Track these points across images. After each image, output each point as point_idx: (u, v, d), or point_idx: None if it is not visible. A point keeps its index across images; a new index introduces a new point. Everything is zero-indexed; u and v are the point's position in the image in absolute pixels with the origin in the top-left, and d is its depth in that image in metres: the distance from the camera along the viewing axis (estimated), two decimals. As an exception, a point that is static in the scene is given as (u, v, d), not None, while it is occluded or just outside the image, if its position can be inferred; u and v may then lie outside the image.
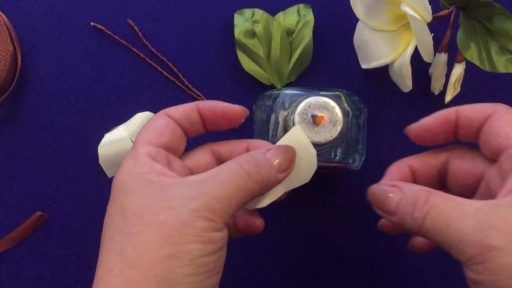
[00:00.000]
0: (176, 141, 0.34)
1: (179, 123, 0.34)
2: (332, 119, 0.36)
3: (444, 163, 0.36)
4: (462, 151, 0.35)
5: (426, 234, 0.29)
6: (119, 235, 0.30)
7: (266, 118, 0.40)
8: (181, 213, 0.28)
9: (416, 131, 0.35)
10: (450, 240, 0.28)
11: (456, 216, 0.28)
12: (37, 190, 0.46)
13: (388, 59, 0.44)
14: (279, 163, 0.32)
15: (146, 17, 0.47)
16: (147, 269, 0.28)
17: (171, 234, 0.28)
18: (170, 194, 0.29)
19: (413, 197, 0.30)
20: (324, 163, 0.40)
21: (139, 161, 0.32)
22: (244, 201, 0.31)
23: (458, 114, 0.34)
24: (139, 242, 0.29)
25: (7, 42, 0.45)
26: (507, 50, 0.41)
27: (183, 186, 0.30)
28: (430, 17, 0.40)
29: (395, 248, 0.46)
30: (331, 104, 0.36)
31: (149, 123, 0.34)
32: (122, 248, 0.29)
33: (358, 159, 0.40)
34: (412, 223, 0.30)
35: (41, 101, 0.47)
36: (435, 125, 0.34)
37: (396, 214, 0.31)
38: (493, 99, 0.47)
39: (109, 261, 0.29)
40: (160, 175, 0.31)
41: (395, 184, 0.32)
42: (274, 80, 0.47)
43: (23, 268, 0.46)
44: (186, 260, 0.28)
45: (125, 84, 0.47)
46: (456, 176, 0.35)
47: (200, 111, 0.35)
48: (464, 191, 0.35)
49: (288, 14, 0.47)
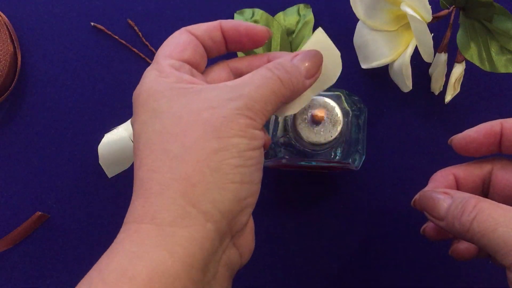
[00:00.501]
0: (199, 58, 0.34)
1: (201, 40, 0.34)
2: (332, 119, 0.36)
3: (488, 174, 0.37)
4: (505, 162, 0.36)
5: (473, 238, 0.30)
6: (159, 136, 0.29)
7: (266, 118, 0.40)
8: (224, 111, 0.29)
9: (459, 142, 0.36)
10: (495, 244, 0.29)
11: (503, 221, 0.29)
12: (37, 190, 0.46)
13: (388, 59, 0.44)
14: (307, 68, 0.33)
15: (146, 17, 0.47)
16: (199, 161, 0.28)
17: (217, 129, 0.29)
18: (209, 96, 0.30)
19: (462, 202, 0.31)
20: (324, 163, 0.40)
21: (164, 72, 0.31)
22: (277, 105, 0.31)
23: (502, 127, 0.35)
24: (185, 139, 0.29)
25: (7, 42, 0.45)
26: (507, 50, 0.41)
27: (220, 88, 0.30)
28: (430, 17, 0.40)
29: (395, 248, 0.46)
30: (331, 104, 0.36)
31: (170, 39, 0.33)
32: (166, 147, 0.29)
33: (358, 159, 0.40)
34: (460, 227, 0.31)
35: (41, 101, 0.47)
36: (479, 136, 0.35)
37: (445, 219, 0.32)
38: (493, 99, 0.47)
39: (154, 160, 0.29)
40: (190, 83, 0.31)
41: (446, 191, 0.33)
42: None
43: (23, 268, 0.46)
44: (235, 152, 0.29)
45: (125, 84, 0.47)
46: (499, 186, 0.36)
47: (223, 29, 0.34)
48: (506, 201, 0.36)
49: (288, 14, 0.47)
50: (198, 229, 0.28)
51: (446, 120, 0.47)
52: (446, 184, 0.37)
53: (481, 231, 0.30)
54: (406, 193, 0.46)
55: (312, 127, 0.36)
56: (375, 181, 0.47)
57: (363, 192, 0.47)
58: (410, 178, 0.46)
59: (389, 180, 0.46)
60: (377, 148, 0.46)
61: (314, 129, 0.36)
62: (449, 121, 0.47)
